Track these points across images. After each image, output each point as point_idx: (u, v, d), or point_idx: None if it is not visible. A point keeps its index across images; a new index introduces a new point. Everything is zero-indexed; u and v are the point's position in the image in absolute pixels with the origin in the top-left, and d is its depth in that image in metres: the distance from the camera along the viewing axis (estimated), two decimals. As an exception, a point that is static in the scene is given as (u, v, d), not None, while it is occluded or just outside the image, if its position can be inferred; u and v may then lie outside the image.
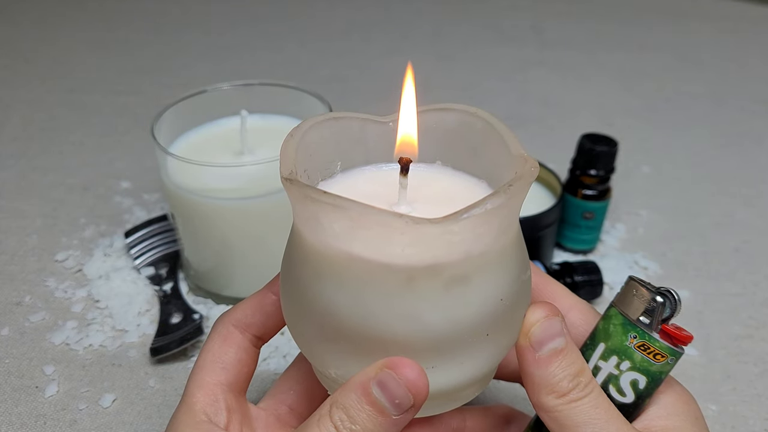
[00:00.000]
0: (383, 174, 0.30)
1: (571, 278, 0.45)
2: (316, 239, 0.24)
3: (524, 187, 0.24)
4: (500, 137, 0.26)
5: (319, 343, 0.26)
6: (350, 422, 0.23)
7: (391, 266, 0.23)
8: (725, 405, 0.40)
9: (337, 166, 0.30)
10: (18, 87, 0.78)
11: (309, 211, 0.24)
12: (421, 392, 0.22)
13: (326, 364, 0.26)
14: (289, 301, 0.27)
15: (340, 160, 0.30)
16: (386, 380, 0.22)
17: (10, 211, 0.57)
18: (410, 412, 0.23)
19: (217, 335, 0.29)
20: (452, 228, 0.22)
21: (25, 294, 0.48)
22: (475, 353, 0.25)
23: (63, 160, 0.64)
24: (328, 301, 0.25)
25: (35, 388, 0.40)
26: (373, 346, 0.24)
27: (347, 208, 0.22)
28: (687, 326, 0.27)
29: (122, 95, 0.77)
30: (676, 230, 0.55)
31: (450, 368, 0.25)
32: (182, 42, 0.92)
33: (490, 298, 0.25)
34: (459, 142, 0.29)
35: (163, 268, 0.49)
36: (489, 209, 0.22)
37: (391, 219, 0.22)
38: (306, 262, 0.26)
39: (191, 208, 0.42)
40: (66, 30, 0.95)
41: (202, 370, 0.28)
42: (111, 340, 0.44)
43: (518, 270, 0.26)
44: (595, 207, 0.50)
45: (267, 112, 0.48)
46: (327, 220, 0.24)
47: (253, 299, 0.29)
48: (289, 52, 0.89)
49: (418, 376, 0.22)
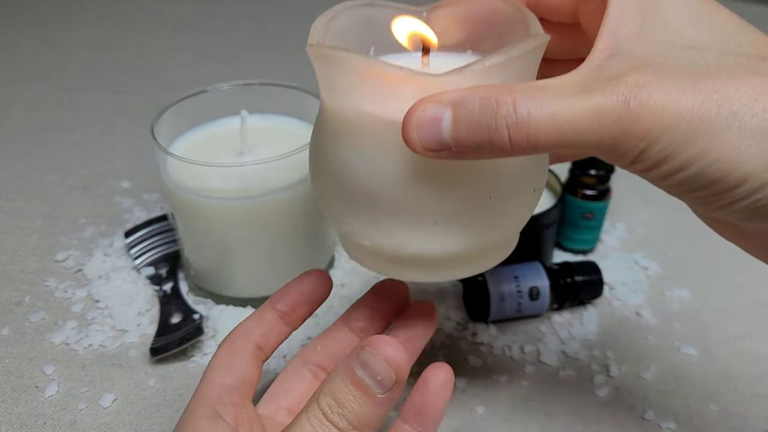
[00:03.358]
0: (414, 60, 0.30)
1: (572, 278, 0.45)
2: (332, 101, 0.26)
3: (526, 49, 0.24)
4: (525, 22, 0.27)
5: (337, 203, 0.28)
6: (338, 406, 0.23)
7: (395, 122, 0.23)
8: (725, 405, 0.40)
9: (371, 50, 0.31)
10: (18, 86, 0.78)
11: (324, 72, 0.26)
12: (402, 366, 0.23)
13: (343, 223, 0.28)
14: (314, 167, 0.29)
15: (373, 45, 0.31)
16: (367, 358, 0.23)
17: (10, 210, 0.57)
18: (394, 390, 0.23)
19: (223, 345, 0.31)
20: (454, 80, 0.23)
21: (25, 294, 0.48)
22: (479, 216, 0.26)
23: (63, 159, 0.64)
24: (342, 160, 0.26)
25: (35, 387, 0.40)
26: (381, 203, 0.26)
27: (353, 60, 0.24)
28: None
29: (122, 95, 0.77)
30: (677, 230, 0.55)
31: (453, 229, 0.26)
32: (182, 42, 0.92)
33: (492, 161, 0.25)
34: (486, 31, 0.30)
35: (163, 268, 0.49)
36: (487, 66, 0.23)
37: (394, 71, 0.23)
38: (326, 126, 0.27)
39: (191, 208, 0.42)
40: (66, 30, 0.95)
41: (209, 373, 0.30)
42: (111, 340, 0.44)
43: None
44: (596, 207, 0.50)
45: (267, 112, 0.48)
46: (337, 76, 0.25)
47: (255, 313, 0.32)
48: (289, 52, 0.89)
49: (397, 350, 0.23)
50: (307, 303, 0.32)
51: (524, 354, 0.43)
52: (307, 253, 0.46)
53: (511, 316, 0.45)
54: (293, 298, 0.32)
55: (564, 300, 0.46)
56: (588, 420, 0.39)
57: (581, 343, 0.44)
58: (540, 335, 0.45)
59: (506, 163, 0.26)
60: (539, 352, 0.43)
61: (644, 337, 0.45)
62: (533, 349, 0.44)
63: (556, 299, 0.45)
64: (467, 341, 0.44)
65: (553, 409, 0.40)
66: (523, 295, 0.44)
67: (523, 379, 0.42)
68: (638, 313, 0.47)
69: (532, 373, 0.42)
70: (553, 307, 0.46)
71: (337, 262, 0.50)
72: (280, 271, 0.45)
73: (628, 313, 0.47)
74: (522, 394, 0.41)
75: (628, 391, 0.41)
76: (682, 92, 0.22)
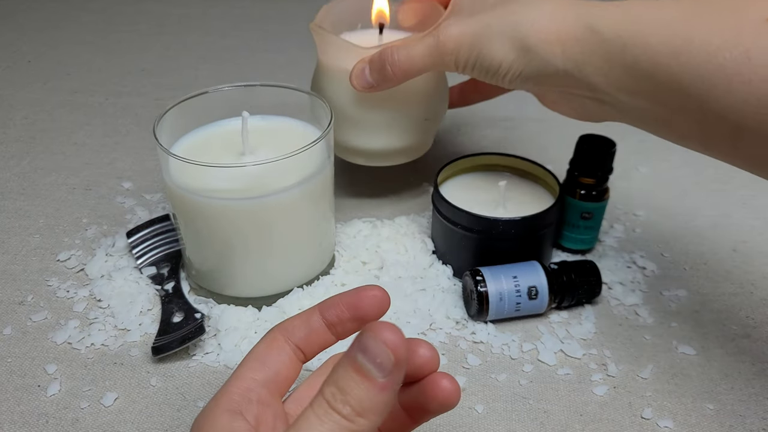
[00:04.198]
0: (374, 35, 0.52)
1: (570, 278, 0.45)
2: (321, 57, 0.50)
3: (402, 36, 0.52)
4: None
5: (338, 127, 0.49)
6: (341, 393, 0.23)
7: (348, 71, 0.46)
8: (723, 404, 0.40)
9: (359, 25, 0.54)
10: (21, 88, 0.79)
11: (318, 41, 0.49)
12: (399, 348, 0.23)
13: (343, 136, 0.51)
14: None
15: (360, 22, 0.54)
16: (367, 343, 0.23)
17: (13, 211, 0.57)
18: (394, 374, 0.23)
19: (264, 338, 0.31)
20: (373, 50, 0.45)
21: (27, 293, 0.48)
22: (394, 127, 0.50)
23: (65, 160, 0.64)
24: (325, 91, 0.49)
25: (37, 387, 0.41)
26: (343, 115, 0.49)
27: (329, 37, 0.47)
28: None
29: (124, 96, 0.77)
30: (674, 230, 0.55)
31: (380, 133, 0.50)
32: (184, 43, 0.92)
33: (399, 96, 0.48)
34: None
35: (164, 267, 0.49)
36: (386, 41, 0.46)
37: (347, 45, 0.46)
38: (319, 71, 0.50)
39: (193, 209, 0.42)
40: (68, 31, 0.95)
41: (243, 364, 0.30)
42: (113, 339, 0.44)
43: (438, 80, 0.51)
44: (594, 207, 0.50)
45: (268, 113, 0.48)
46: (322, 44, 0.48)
47: (304, 313, 0.31)
48: (290, 53, 0.90)
49: (394, 333, 0.23)
50: (355, 320, 0.30)
51: (523, 353, 0.44)
52: (308, 252, 0.46)
53: (510, 316, 0.45)
54: (341, 312, 0.30)
55: (562, 299, 0.46)
56: (586, 419, 0.39)
57: (579, 343, 0.44)
58: (538, 334, 0.45)
59: (407, 97, 0.48)
60: (538, 351, 0.44)
61: (642, 336, 0.45)
62: (532, 348, 0.44)
63: (555, 298, 0.45)
64: (466, 340, 0.45)
65: (552, 407, 0.40)
66: (522, 295, 0.44)
67: (521, 378, 0.42)
68: (636, 312, 0.47)
69: (531, 372, 0.42)
70: (551, 307, 0.46)
71: (338, 262, 0.50)
72: (281, 271, 0.46)
73: (626, 312, 0.47)
74: (521, 393, 0.41)
75: (626, 390, 0.41)
76: (466, 23, 0.40)
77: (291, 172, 0.42)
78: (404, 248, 0.51)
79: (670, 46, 0.33)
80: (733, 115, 0.32)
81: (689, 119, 0.34)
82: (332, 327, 0.31)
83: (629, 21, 0.35)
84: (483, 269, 0.45)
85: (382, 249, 0.51)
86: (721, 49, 0.31)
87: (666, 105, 0.35)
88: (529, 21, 0.38)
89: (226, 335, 0.44)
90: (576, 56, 0.37)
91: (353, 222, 0.53)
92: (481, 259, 0.47)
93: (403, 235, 0.52)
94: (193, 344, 0.43)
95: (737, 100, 0.31)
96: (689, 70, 0.32)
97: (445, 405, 0.29)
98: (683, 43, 0.32)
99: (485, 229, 0.46)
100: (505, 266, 0.45)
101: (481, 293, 0.44)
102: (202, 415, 0.29)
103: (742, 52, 0.31)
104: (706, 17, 0.32)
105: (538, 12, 0.38)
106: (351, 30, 0.54)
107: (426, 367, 0.29)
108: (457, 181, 0.52)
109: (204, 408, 0.29)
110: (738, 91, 0.31)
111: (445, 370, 0.29)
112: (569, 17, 0.37)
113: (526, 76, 0.39)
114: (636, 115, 0.37)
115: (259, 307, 0.46)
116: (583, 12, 0.37)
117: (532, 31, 0.37)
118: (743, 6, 0.32)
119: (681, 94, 0.33)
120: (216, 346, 0.43)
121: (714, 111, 0.32)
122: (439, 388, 0.28)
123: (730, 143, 0.33)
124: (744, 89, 0.31)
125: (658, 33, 0.33)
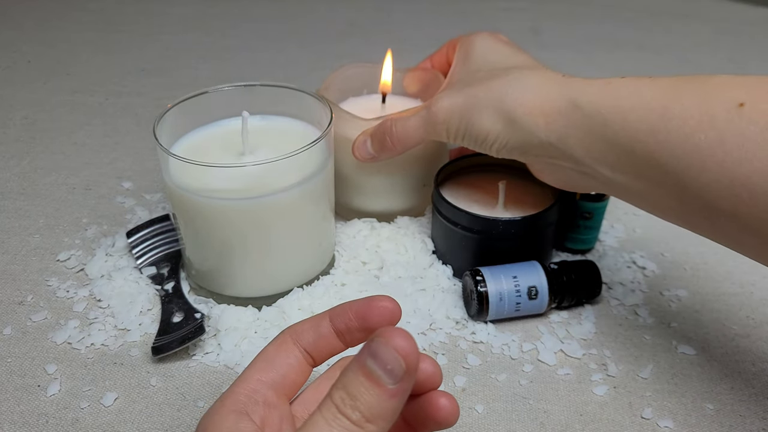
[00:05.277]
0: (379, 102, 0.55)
1: (570, 278, 0.45)
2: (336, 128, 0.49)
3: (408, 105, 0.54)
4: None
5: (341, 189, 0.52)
6: (350, 399, 0.23)
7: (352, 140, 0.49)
8: (723, 404, 0.40)
9: (364, 90, 0.56)
10: (20, 88, 0.79)
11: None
12: (411, 355, 0.23)
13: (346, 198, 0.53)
14: None
15: (366, 88, 0.56)
16: (377, 349, 0.23)
17: (13, 211, 0.57)
18: (405, 381, 0.23)
19: (273, 341, 0.31)
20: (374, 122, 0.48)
21: (27, 293, 0.48)
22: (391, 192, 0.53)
23: (65, 160, 0.64)
24: (335, 161, 0.48)
25: (37, 387, 0.41)
26: (359, 186, 0.52)
27: (335, 108, 0.47)
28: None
29: (124, 96, 0.77)
30: (674, 231, 0.55)
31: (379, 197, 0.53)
32: (184, 43, 0.92)
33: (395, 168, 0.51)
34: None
35: (164, 267, 0.49)
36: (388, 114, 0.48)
37: (349, 116, 0.48)
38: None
39: (193, 209, 0.42)
40: (68, 31, 0.95)
41: (252, 365, 0.30)
42: (113, 339, 0.44)
43: None
44: (594, 207, 0.50)
45: (268, 113, 0.48)
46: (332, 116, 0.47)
47: (314, 318, 0.31)
48: (289, 53, 0.90)
49: (406, 340, 0.23)
50: (363, 330, 0.30)
51: (523, 353, 0.44)
52: (308, 253, 0.46)
53: (510, 316, 0.45)
54: (349, 321, 0.30)
55: (562, 299, 0.46)
56: (586, 419, 0.39)
57: (579, 342, 0.44)
58: (538, 334, 0.45)
59: (407, 163, 0.51)
60: (538, 351, 0.44)
61: (642, 336, 0.45)
62: (532, 348, 0.44)
63: (555, 298, 0.45)
64: (466, 340, 0.45)
65: (552, 407, 0.40)
66: (522, 295, 0.44)
67: (521, 378, 0.42)
68: (636, 312, 0.47)
69: (531, 372, 0.42)
70: (551, 307, 0.46)
71: (337, 262, 0.50)
72: (281, 271, 0.46)
73: (626, 312, 0.47)
74: (521, 393, 0.41)
75: (626, 389, 0.41)
76: (457, 95, 0.42)
77: (291, 172, 0.42)
78: (404, 248, 0.51)
79: (647, 123, 0.34)
80: (707, 194, 0.32)
81: (668, 195, 0.34)
82: (341, 335, 0.30)
83: (610, 97, 0.36)
84: (483, 269, 0.45)
85: (382, 249, 0.51)
86: (696, 131, 0.32)
87: (646, 180, 0.35)
88: (515, 94, 0.39)
89: (226, 335, 0.44)
90: (559, 129, 0.38)
91: (353, 222, 0.53)
92: (481, 259, 0.47)
93: (403, 235, 0.52)
94: (193, 344, 0.43)
95: (711, 179, 0.31)
96: (666, 148, 0.33)
97: (442, 424, 0.29)
98: (660, 121, 0.33)
99: (485, 229, 0.46)
100: (505, 266, 0.45)
101: (481, 293, 0.44)
102: (208, 415, 0.29)
103: (716, 135, 0.31)
104: (682, 98, 0.33)
105: (523, 86, 0.39)
106: (357, 96, 0.56)
107: (427, 382, 0.29)
108: (457, 181, 0.52)
109: (210, 408, 0.29)
110: (711, 172, 0.31)
111: (445, 371, 0.29)
112: (553, 92, 0.38)
113: (512, 147, 0.41)
114: (618, 189, 0.38)
115: (259, 307, 0.46)
116: (567, 87, 0.38)
117: (517, 104, 0.39)
118: (717, 89, 0.32)
119: (659, 171, 0.34)
120: (216, 346, 0.43)
121: (690, 189, 0.33)
122: (437, 406, 0.28)
123: (708, 222, 0.34)
124: (717, 170, 0.31)
125: (636, 110, 0.34)
